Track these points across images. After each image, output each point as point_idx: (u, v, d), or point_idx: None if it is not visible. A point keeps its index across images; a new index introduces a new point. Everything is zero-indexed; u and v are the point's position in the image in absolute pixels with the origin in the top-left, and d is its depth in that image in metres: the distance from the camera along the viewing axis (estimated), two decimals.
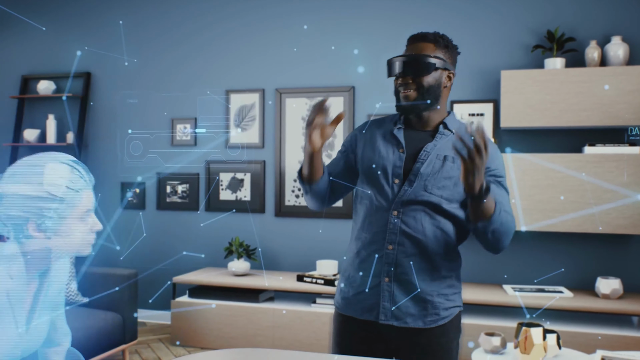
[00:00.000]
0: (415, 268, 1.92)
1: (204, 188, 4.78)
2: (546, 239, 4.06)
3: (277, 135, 4.59)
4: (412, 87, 1.92)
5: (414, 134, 2.00)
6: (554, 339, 3.03)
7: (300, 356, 1.72)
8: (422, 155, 1.93)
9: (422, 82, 1.91)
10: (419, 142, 1.98)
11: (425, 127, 2.00)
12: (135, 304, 3.74)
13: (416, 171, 1.92)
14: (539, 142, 4.06)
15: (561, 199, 3.76)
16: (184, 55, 4.83)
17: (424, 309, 1.93)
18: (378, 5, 4.38)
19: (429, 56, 1.90)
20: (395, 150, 1.97)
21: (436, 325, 1.94)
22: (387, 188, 1.94)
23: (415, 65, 1.90)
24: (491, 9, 4.15)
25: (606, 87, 3.72)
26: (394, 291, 1.93)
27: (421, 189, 1.91)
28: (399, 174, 1.94)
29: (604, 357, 2.66)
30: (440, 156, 1.93)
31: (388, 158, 1.97)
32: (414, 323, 1.93)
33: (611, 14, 3.96)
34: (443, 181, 1.91)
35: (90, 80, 5.06)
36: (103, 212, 5.02)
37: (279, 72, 4.61)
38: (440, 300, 1.94)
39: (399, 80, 1.95)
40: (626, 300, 3.67)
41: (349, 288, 2.02)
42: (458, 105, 4.21)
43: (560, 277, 4.05)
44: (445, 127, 1.97)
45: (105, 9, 5.02)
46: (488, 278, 4.17)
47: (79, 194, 1.53)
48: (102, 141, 5.03)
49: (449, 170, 1.91)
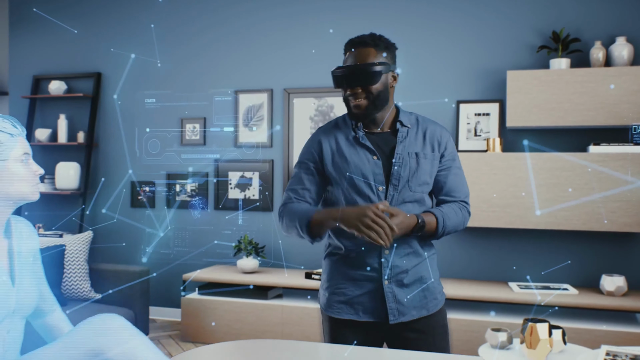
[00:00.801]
0: (408, 264, 2.00)
1: (213, 187, 4.85)
2: (552, 237, 4.11)
3: (285, 134, 4.66)
4: (362, 95, 1.95)
5: (375, 137, 2.04)
6: (560, 334, 3.08)
7: (312, 347, 1.79)
8: (396, 158, 1.99)
9: (371, 90, 1.94)
10: (385, 144, 2.03)
11: (383, 127, 2.04)
12: (148, 301, 3.81)
13: (397, 175, 1.98)
14: (545, 142, 4.11)
15: (569, 190, 3.81)
16: (193, 57, 4.89)
17: (425, 298, 2.03)
18: (382, 5, 4.43)
19: (374, 64, 1.92)
20: (369, 158, 2.00)
21: (437, 309, 2.06)
22: (373, 196, 1.98)
23: (362, 76, 1.92)
24: (497, 10, 4.20)
25: (611, 86, 3.77)
26: (394, 291, 1.99)
27: (407, 191, 1.99)
28: (381, 181, 1.98)
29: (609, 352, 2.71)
30: (412, 154, 2.01)
31: (365, 166, 1.99)
32: (419, 313, 2.01)
33: (615, 15, 4.01)
34: (422, 177, 2.00)
35: (101, 80, 5.13)
36: (113, 209, 5.09)
37: (287, 73, 4.67)
38: (434, 286, 2.08)
39: (347, 90, 1.97)
40: (630, 298, 3.72)
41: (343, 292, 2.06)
42: (464, 105, 4.26)
43: (565, 275, 4.10)
44: (402, 124, 2.04)
45: (123, 10, 5.09)
46: (494, 275, 4.22)
47: (14, 138, 1.68)
48: (112, 140, 5.10)
49: (424, 166, 2.01)
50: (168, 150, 4.94)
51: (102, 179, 5.10)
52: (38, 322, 1.97)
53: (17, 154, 1.69)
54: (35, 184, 1.74)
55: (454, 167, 2.07)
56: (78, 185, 4.99)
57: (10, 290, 1.69)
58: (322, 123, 4.59)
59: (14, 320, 1.73)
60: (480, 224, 3.93)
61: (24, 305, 1.76)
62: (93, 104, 5.07)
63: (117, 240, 5.08)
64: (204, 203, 4.85)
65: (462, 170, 2.11)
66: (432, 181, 2.04)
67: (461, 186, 2.07)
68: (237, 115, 4.79)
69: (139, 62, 5.03)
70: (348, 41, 2.00)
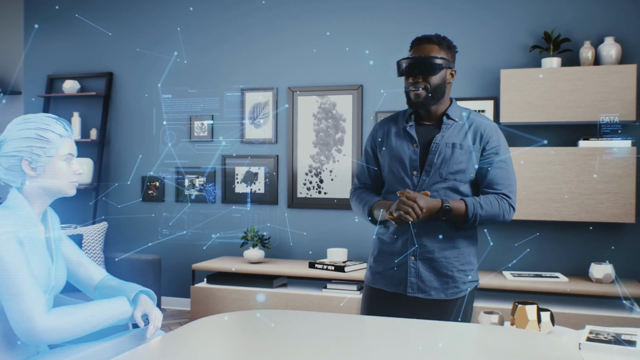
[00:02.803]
0: (437, 247, 2.19)
1: (221, 181, 5.06)
2: (543, 227, 4.30)
3: (289, 131, 4.86)
4: (422, 85, 2.16)
5: (422, 128, 2.25)
6: (548, 316, 3.27)
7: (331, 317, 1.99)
8: (433, 147, 2.18)
9: (430, 81, 2.16)
10: (428, 135, 2.23)
11: (433, 119, 2.25)
12: (160, 289, 4.02)
13: (430, 162, 2.18)
14: (537, 137, 4.30)
15: (560, 183, 4.00)
16: (204, 57, 5.10)
17: (446, 283, 2.19)
18: (384, 7, 4.64)
19: (436, 57, 2.14)
20: (409, 145, 2.23)
21: (456, 297, 2.21)
22: (408, 180, 2.20)
23: (424, 66, 2.14)
24: (492, 12, 4.40)
25: (599, 85, 3.96)
26: (419, 268, 2.20)
27: (437, 177, 2.18)
28: (416, 167, 2.19)
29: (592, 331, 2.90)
30: (449, 144, 2.18)
31: (405, 153, 2.22)
32: (437, 295, 2.19)
33: (604, 16, 4.20)
34: (455, 166, 2.17)
35: (113, 80, 5.35)
36: (125, 203, 5.30)
37: (292, 72, 4.88)
38: (459, 276, 2.19)
39: (409, 79, 2.18)
40: (617, 285, 3.91)
41: (379, 265, 2.30)
42: (460, 102, 4.46)
43: (556, 264, 4.29)
44: (449, 117, 2.22)
45: (130, 8, 5.30)
46: (488, 265, 4.42)
47: (62, 139, 1.90)
48: (123, 137, 5.32)
49: (458, 156, 2.17)
50: (182, 141, 5.15)
51: (115, 183, 5.32)
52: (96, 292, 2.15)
53: (62, 153, 1.91)
54: (73, 181, 1.96)
55: (498, 160, 2.17)
56: (91, 180, 5.20)
57: (50, 267, 1.91)
58: (324, 120, 4.80)
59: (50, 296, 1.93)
60: None
61: (59, 282, 1.97)
62: (105, 103, 5.29)
63: (129, 232, 5.30)
64: (213, 194, 5.06)
65: (510, 165, 2.20)
66: (470, 171, 2.17)
67: (504, 179, 2.16)
68: (243, 112, 5.00)
69: (151, 61, 5.24)
70: (415, 38, 2.24)
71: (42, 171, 1.88)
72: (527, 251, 4.33)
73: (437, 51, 2.18)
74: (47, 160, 1.89)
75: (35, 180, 1.89)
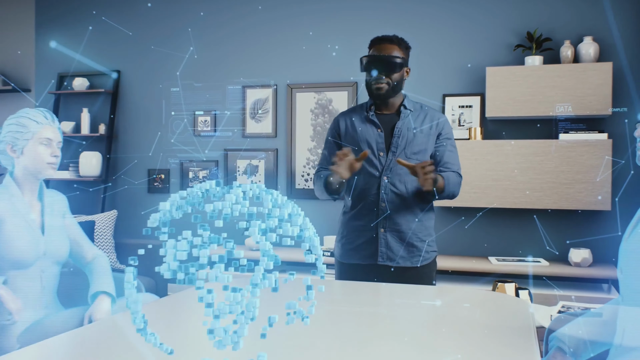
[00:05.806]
0: (403, 220, 2.48)
1: (223, 173, 5.33)
2: (526, 215, 4.57)
3: (288, 126, 5.13)
4: (384, 81, 2.47)
5: (383, 116, 2.57)
6: (526, 294, 3.54)
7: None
8: (396, 131, 2.51)
9: (391, 77, 2.46)
10: (389, 122, 2.55)
11: (391, 109, 2.57)
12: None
13: (395, 144, 2.50)
14: (520, 130, 4.58)
15: (541, 173, 4.27)
16: (207, 55, 5.38)
17: (411, 252, 2.49)
18: (376, 6, 4.91)
19: (397, 57, 2.46)
20: (375, 130, 2.54)
21: (421, 264, 2.50)
22: (375, 160, 2.50)
23: (388, 64, 2.44)
24: (479, 13, 4.67)
25: (578, 81, 4.23)
26: (388, 239, 2.48)
27: (402, 157, 2.48)
28: (382, 148, 2.51)
29: (564, 305, 3.17)
30: (410, 129, 2.51)
31: (371, 137, 2.53)
32: (404, 263, 2.48)
33: (583, 17, 4.48)
34: (417, 147, 2.49)
35: (120, 77, 5.62)
36: (132, 194, 5.57)
37: (290, 69, 5.15)
38: (423, 245, 2.50)
39: (372, 75, 2.48)
40: (595, 268, 4.18)
41: (352, 241, 2.56)
42: (449, 98, 4.73)
43: (538, 249, 4.56)
44: (405, 107, 2.56)
45: (134, 8, 5.58)
46: (476, 251, 4.69)
47: (39, 125, 2.23)
48: (130, 132, 5.59)
49: (419, 139, 2.50)
50: (189, 129, 5.42)
51: (122, 178, 5.58)
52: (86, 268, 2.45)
53: (39, 137, 2.22)
54: (50, 162, 2.26)
55: (449, 145, 2.53)
56: (100, 172, 5.47)
57: (39, 238, 2.22)
58: (321, 115, 5.07)
59: (46, 262, 2.24)
60: (463, 204, 4.39)
61: (54, 251, 2.28)
62: (113, 99, 5.56)
63: (136, 222, 5.56)
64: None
65: (457, 150, 2.57)
66: (429, 152, 2.50)
67: (455, 160, 2.54)
68: (244, 107, 5.27)
69: (156, 59, 5.52)
70: (376, 38, 2.53)
71: (21, 153, 2.21)
72: (511, 238, 4.60)
73: (397, 51, 2.49)
74: (25, 142, 2.21)
75: (18, 162, 2.22)
